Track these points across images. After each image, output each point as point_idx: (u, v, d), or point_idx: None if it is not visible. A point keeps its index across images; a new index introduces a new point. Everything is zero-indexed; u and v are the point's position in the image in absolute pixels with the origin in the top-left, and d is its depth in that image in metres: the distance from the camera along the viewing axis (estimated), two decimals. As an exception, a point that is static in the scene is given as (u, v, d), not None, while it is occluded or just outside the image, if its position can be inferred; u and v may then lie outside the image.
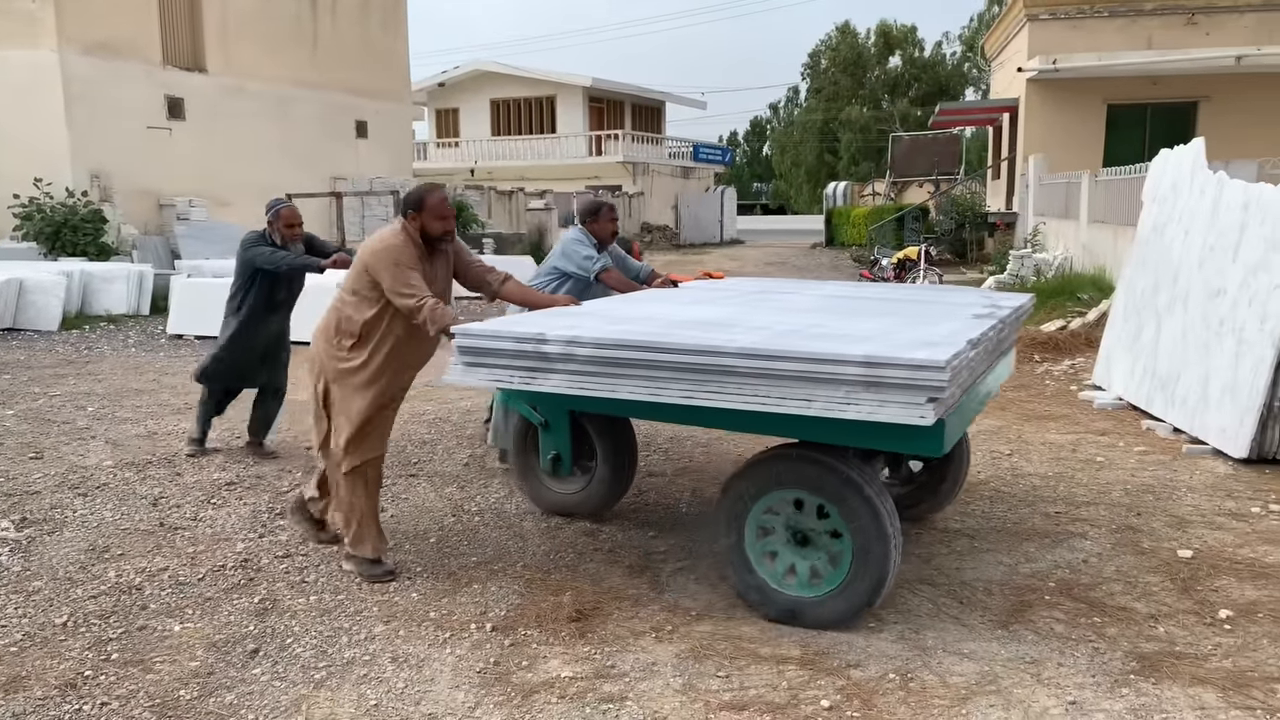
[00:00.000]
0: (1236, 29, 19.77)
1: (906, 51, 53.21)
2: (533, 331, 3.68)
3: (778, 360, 3.29)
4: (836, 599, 3.65)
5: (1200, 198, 7.05)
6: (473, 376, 3.86)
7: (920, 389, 3.13)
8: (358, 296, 4.06)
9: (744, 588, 3.82)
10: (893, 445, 3.49)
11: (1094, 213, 14.19)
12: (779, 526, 3.78)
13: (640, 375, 3.53)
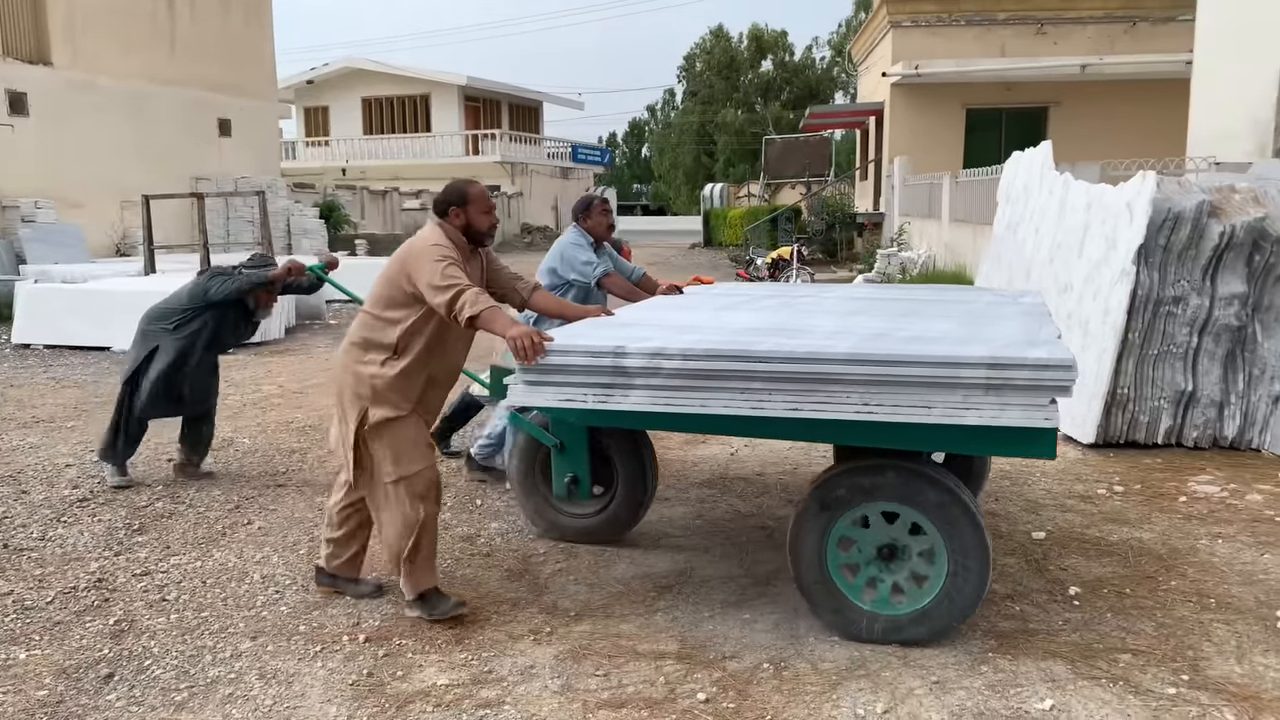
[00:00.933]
0: (1081, 39, 21.02)
1: (778, 56, 54.42)
2: (609, 344, 3.37)
3: (895, 365, 3.13)
4: (928, 616, 3.46)
5: (1049, 198, 7.45)
6: (537, 397, 3.49)
7: (1045, 389, 3.03)
8: (392, 307, 3.64)
9: (817, 607, 3.58)
10: (1004, 450, 3.32)
11: (955, 212, 14.83)
12: (865, 542, 3.53)
13: (735, 388, 3.28)
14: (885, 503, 3.46)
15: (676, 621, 3.74)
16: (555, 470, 4.45)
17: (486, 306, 3.49)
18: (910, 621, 3.47)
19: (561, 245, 5.32)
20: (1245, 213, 6.06)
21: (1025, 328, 3.75)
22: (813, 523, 3.51)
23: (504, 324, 3.51)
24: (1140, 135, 18.47)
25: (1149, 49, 19.61)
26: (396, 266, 3.67)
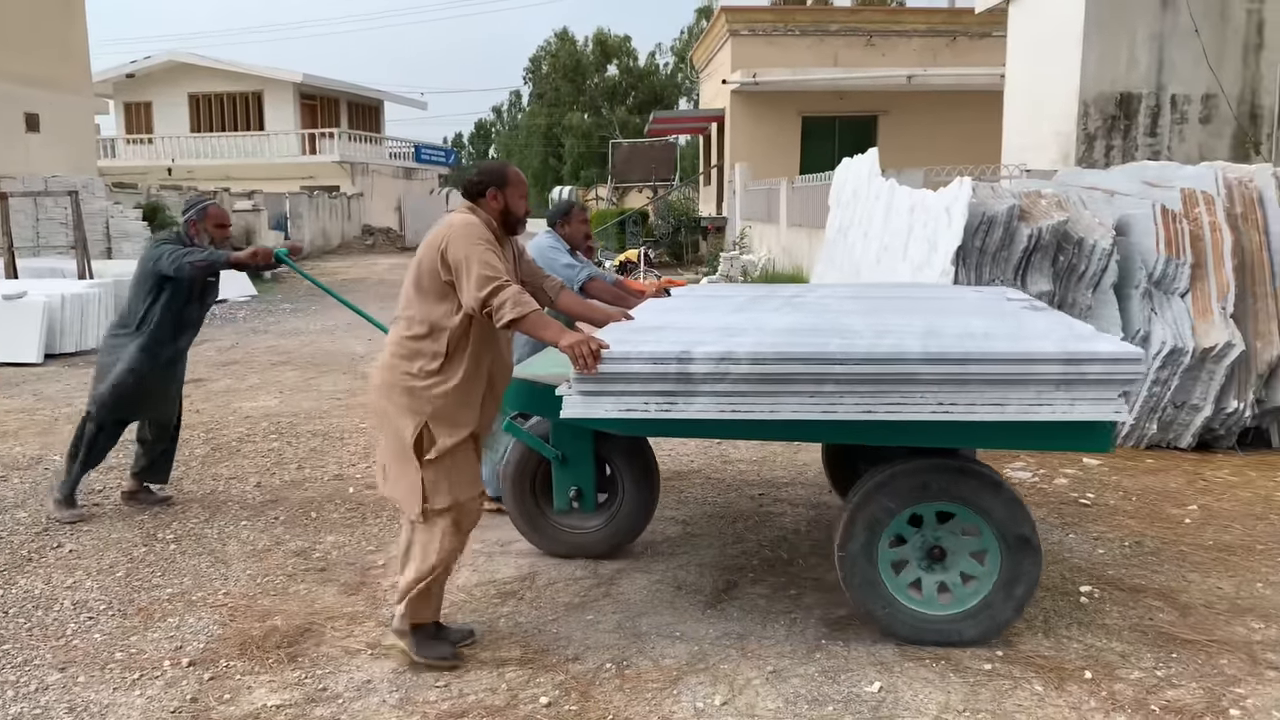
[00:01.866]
0: (907, 51, 22.14)
1: (623, 61, 54.98)
2: (674, 350, 3.21)
3: (973, 363, 3.11)
4: (980, 615, 3.46)
5: (876, 203, 7.81)
6: (597, 408, 3.26)
7: (1115, 383, 3.08)
8: (433, 301, 3.25)
9: (867, 609, 3.51)
10: (1061, 445, 3.32)
11: (792, 217, 15.34)
12: (915, 543, 3.50)
13: (805, 391, 3.18)
14: (945, 503, 3.43)
15: (519, 627, 3.71)
16: (557, 484, 4.20)
17: (531, 310, 3.16)
18: (964, 619, 3.47)
19: (539, 248, 4.90)
20: (1050, 216, 6.52)
21: (1056, 322, 3.79)
22: (861, 523, 3.45)
23: (555, 331, 3.22)
24: (961, 143, 19.62)
25: (968, 62, 20.86)
26: (430, 254, 3.25)
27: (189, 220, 4.91)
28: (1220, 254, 6.25)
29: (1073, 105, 11.19)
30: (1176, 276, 6.26)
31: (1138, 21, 10.97)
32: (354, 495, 5.38)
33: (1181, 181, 6.71)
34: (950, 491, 3.41)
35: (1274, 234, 6.34)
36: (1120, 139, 11.23)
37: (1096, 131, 11.19)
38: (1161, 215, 6.38)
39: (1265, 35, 11.08)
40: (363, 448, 6.40)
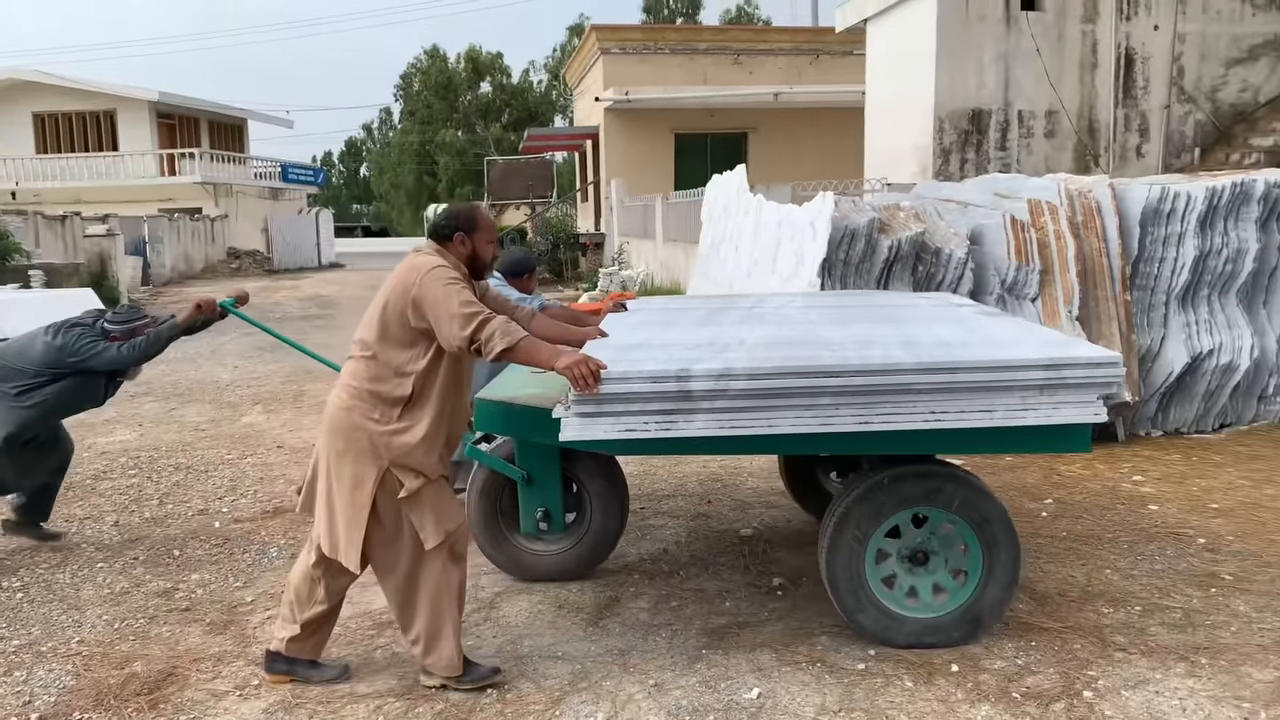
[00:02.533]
0: (773, 69, 22.77)
1: (496, 78, 54.76)
2: (673, 369, 3.18)
3: (961, 372, 3.18)
4: (962, 618, 3.54)
5: (745, 218, 7.99)
6: (595, 429, 3.20)
7: (1095, 386, 3.20)
8: (397, 347, 3.18)
9: (853, 617, 3.56)
10: (1041, 448, 3.50)
11: (668, 232, 15.55)
12: (896, 549, 3.57)
13: (801, 405, 3.20)
14: (927, 508, 3.51)
15: (396, 658, 3.63)
16: (524, 505, 4.11)
17: (522, 336, 3.14)
18: (950, 621, 3.54)
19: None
20: (908, 228, 6.79)
21: (1020, 328, 3.91)
22: (850, 536, 3.48)
23: (549, 354, 3.18)
24: (827, 158, 20.27)
25: (831, 80, 21.58)
26: (395, 297, 3.17)
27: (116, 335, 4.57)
28: (1065, 260, 6.63)
29: (928, 121, 11.71)
30: (1027, 282, 6.61)
31: (985, 42, 11.58)
32: (220, 530, 5.16)
33: (1029, 192, 7.10)
34: (935, 498, 3.50)
35: (1112, 240, 6.77)
36: (973, 153, 11.81)
37: (951, 146, 11.74)
38: (1011, 225, 6.73)
39: (1099, 55, 11.84)
40: (229, 480, 6.15)
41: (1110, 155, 11.99)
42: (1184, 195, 6.70)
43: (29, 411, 4.49)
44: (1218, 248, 6.72)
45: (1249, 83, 12.18)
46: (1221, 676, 3.31)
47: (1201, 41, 12.01)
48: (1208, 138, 12.16)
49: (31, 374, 4.47)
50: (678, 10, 49.18)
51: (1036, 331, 3.88)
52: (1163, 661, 3.43)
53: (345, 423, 3.19)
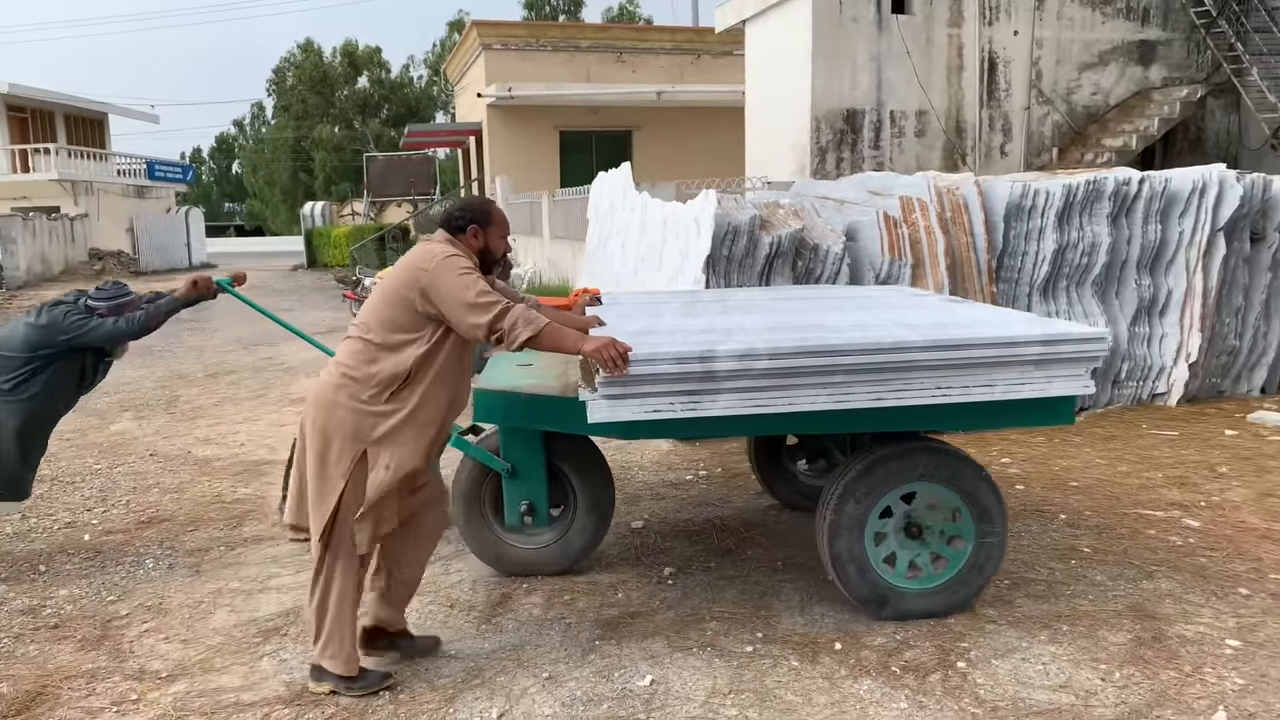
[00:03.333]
0: (656, 68, 22.97)
1: (374, 73, 53.56)
2: (697, 350, 3.24)
3: (966, 349, 3.35)
4: (955, 588, 3.72)
5: (631, 215, 8.07)
6: (623, 410, 3.24)
7: (1084, 361, 3.43)
8: (398, 331, 3.14)
9: (854, 591, 3.68)
10: (1030, 421, 3.65)
11: (555, 229, 15.54)
12: (892, 525, 3.70)
13: (817, 383, 3.32)
14: (930, 484, 3.65)
15: (284, 665, 3.55)
16: (508, 498, 4.06)
17: (545, 323, 3.13)
18: (943, 590, 3.71)
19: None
20: (788, 225, 6.99)
21: (992, 310, 4.17)
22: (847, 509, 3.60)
23: (574, 340, 3.19)
24: (710, 157, 20.59)
25: (713, 80, 21.93)
26: (404, 282, 3.15)
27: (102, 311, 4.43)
28: (935, 254, 6.93)
29: (805, 121, 12.05)
30: (900, 276, 6.89)
31: (858, 44, 11.98)
32: (90, 543, 4.94)
33: (900, 190, 7.39)
34: (929, 473, 3.65)
35: (978, 235, 7.11)
36: (849, 151, 12.21)
37: (828, 145, 12.11)
38: (884, 221, 7.00)
39: (965, 58, 12.40)
40: (99, 491, 5.89)
41: (976, 154, 12.57)
42: (1043, 192, 7.09)
43: (30, 404, 4.35)
44: (1074, 241, 7.14)
45: (1100, 86, 12.95)
46: (1081, 641, 3.54)
47: (1057, 47, 12.71)
48: (1065, 138, 12.88)
49: (21, 362, 4.32)
50: (560, 8, 49.09)
51: (1010, 313, 4.16)
52: (1029, 630, 3.64)
53: (330, 399, 3.16)
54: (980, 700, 3.15)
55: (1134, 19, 12.94)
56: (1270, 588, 3.96)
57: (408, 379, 3.15)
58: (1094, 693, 3.17)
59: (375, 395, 3.14)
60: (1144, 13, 12.97)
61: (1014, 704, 3.12)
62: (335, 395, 3.16)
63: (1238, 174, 7.45)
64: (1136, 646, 3.48)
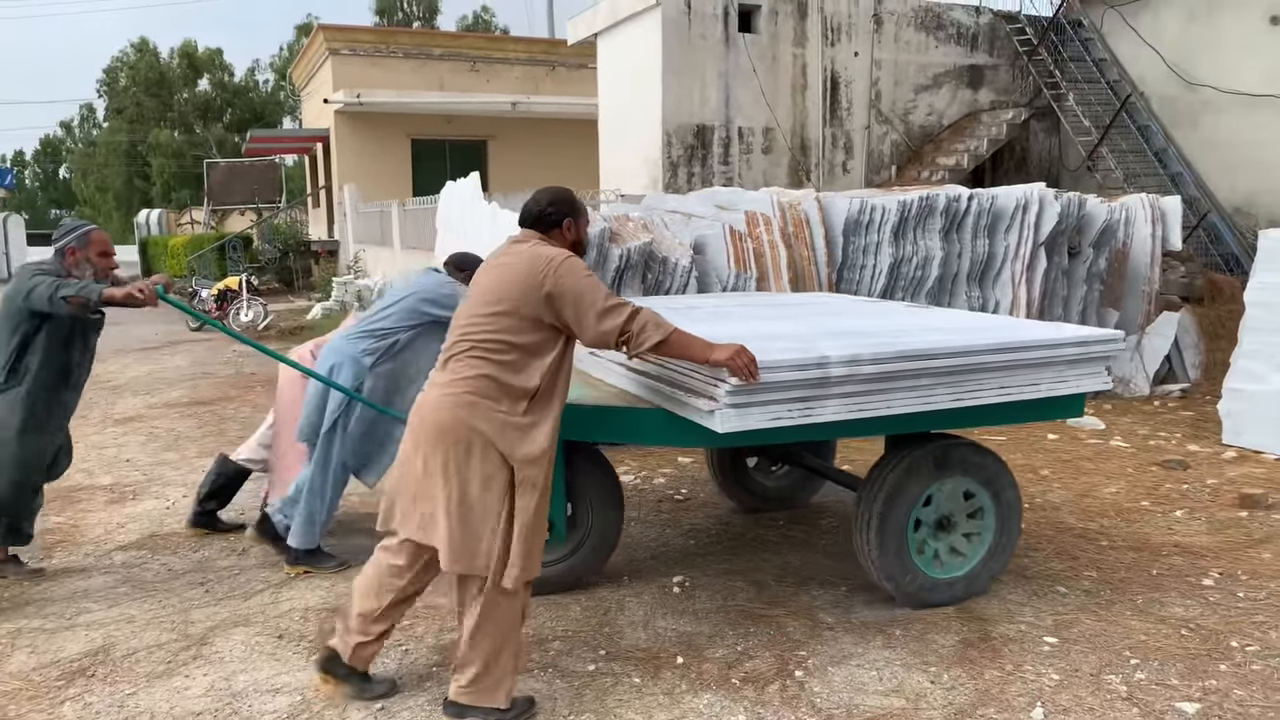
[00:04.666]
0: (510, 79, 22.79)
1: (215, 76, 51.18)
2: (814, 356, 3.35)
3: (1022, 351, 3.67)
4: (977, 574, 4.00)
5: (481, 225, 7.93)
6: (750, 419, 3.27)
7: (1103, 360, 3.82)
8: (521, 334, 2.96)
9: (895, 581, 3.86)
10: (1051, 415, 3.99)
11: (406, 239, 15.16)
12: (928, 516, 3.91)
13: (908, 386, 3.50)
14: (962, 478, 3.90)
15: (90, 709, 3.28)
16: None
17: (674, 328, 3.05)
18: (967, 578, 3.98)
19: (429, 287, 4.53)
20: (637, 238, 7.01)
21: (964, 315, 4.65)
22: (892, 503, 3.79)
23: (703, 346, 3.10)
24: (567, 169, 20.53)
25: (569, 91, 21.92)
26: (517, 290, 2.96)
27: (67, 248, 4.16)
28: (778, 267, 7.09)
29: (657, 135, 12.17)
30: (745, 289, 7.01)
31: (707, 61, 12.18)
32: None
33: (746, 205, 7.53)
34: (962, 467, 3.91)
35: (819, 249, 7.32)
36: (700, 166, 12.39)
37: (679, 159, 12.26)
38: (730, 235, 7.11)
39: (809, 77, 12.79)
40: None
41: (820, 171, 12.98)
42: (880, 208, 7.37)
43: (25, 391, 4.11)
44: (909, 255, 7.44)
45: (935, 107, 13.60)
46: (913, 644, 3.65)
47: (895, 69, 13.27)
48: (903, 156, 13.45)
49: (5, 340, 4.10)
50: (414, 15, 48.18)
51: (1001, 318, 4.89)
52: (864, 636, 3.73)
53: (468, 420, 2.94)
54: (816, 709, 3.19)
55: (964, 44, 13.66)
56: (1084, 585, 4.19)
57: (539, 394, 3.01)
58: (923, 695, 3.27)
59: (510, 410, 2.98)
60: (973, 39, 13.71)
61: (848, 710, 3.18)
62: (472, 415, 2.95)
63: (1056, 193, 7.94)
64: (964, 648, 3.61)
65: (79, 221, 4.31)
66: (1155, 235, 8.52)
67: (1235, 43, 11.90)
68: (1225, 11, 12.03)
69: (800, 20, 12.63)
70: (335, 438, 4.39)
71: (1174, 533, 4.90)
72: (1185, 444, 6.72)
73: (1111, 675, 3.37)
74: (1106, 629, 3.74)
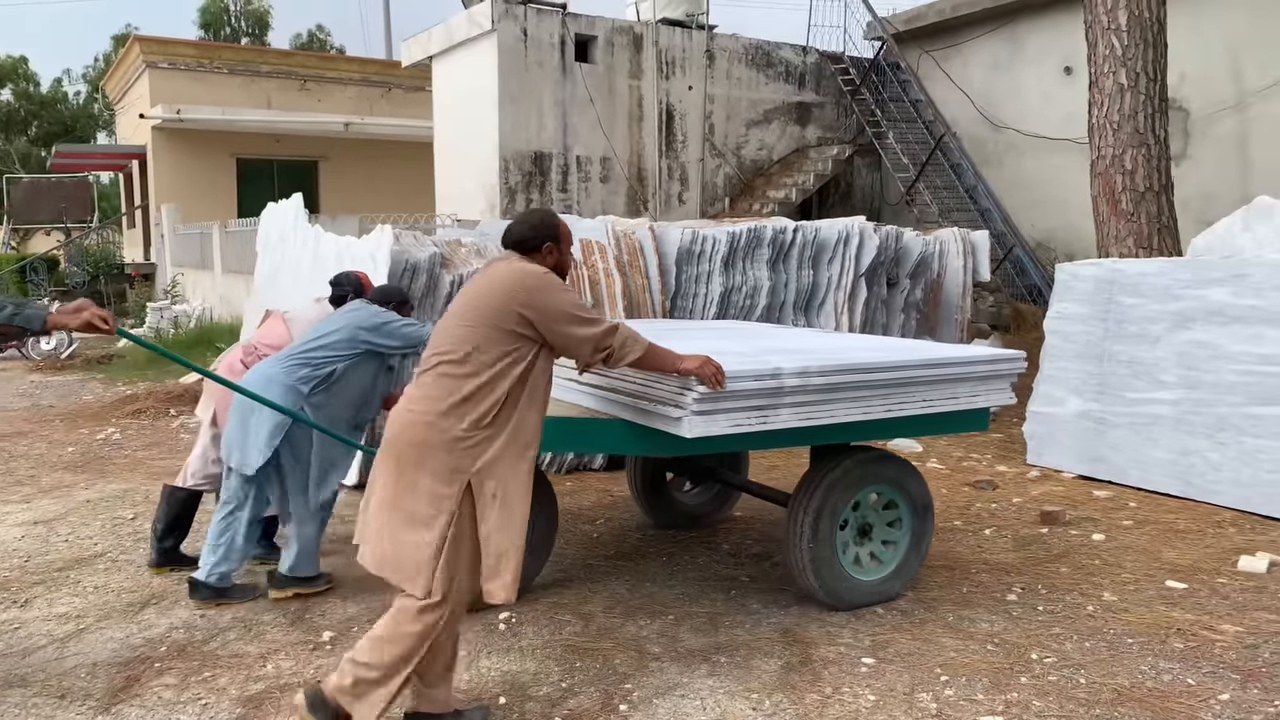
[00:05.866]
0: (343, 99, 22.17)
1: (20, 85, 47.57)
2: (768, 368, 3.64)
3: (945, 366, 4.04)
4: (896, 576, 4.33)
5: (303, 249, 7.61)
6: (715, 426, 3.54)
7: (1007, 376, 4.23)
8: (489, 349, 3.01)
9: (826, 586, 4.12)
10: (958, 428, 4.29)
11: (228, 263, 14.44)
12: (851, 523, 4.24)
13: (850, 397, 3.83)
14: (879, 486, 4.24)
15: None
16: None
17: (649, 342, 3.27)
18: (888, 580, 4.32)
19: (367, 317, 4.36)
20: (469, 264, 6.88)
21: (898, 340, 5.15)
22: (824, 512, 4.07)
23: (674, 358, 3.36)
24: (402, 192, 20.11)
25: (403, 114, 21.48)
26: (498, 303, 3.03)
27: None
28: (613, 295, 7.10)
29: (494, 160, 12.06)
30: (579, 316, 6.98)
31: (544, 88, 12.19)
32: None
33: (582, 233, 7.51)
34: (884, 476, 4.25)
35: (653, 278, 7.38)
36: (538, 193, 12.35)
37: (517, 185, 12.18)
38: (564, 262, 7.07)
39: (645, 109, 12.99)
40: None
41: (657, 200, 13.18)
42: (710, 238, 7.50)
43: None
44: (739, 284, 7.60)
45: (765, 142, 14.07)
46: (737, 671, 3.66)
47: (727, 103, 13.66)
48: (735, 188, 13.83)
49: None
50: (242, 30, 46.27)
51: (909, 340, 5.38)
52: (689, 665, 3.71)
53: (422, 440, 2.98)
54: (640, 743, 3.14)
55: (792, 82, 14.21)
56: (900, 605, 4.33)
57: (504, 405, 3.03)
58: (746, 722, 3.27)
59: (471, 425, 2.98)
60: (800, 77, 14.28)
61: (672, 743, 3.14)
62: (427, 435, 2.98)
63: (875, 226, 8.30)
64: (785, 672, 3.65)
65: None
66: (966, 267, 9.04)
67: (1034, 89, 12.88)
68: (1026, 60, 13.01)
69: (636, 53, 12.83)
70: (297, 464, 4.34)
71: (983, 550, 5.15)
72: (995, 464, 7.11)
73: (924, 693, 3.47)
74: (920, 647, 3.87)
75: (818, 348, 4.34)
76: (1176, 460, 6.16)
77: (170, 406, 9.26)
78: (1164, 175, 8.19)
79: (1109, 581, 4.63)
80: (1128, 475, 6.41)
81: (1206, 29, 10.91)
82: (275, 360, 4.36)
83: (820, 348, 4.35)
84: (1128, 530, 5.47)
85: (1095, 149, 8.33)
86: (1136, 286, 6.50)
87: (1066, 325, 6.95)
